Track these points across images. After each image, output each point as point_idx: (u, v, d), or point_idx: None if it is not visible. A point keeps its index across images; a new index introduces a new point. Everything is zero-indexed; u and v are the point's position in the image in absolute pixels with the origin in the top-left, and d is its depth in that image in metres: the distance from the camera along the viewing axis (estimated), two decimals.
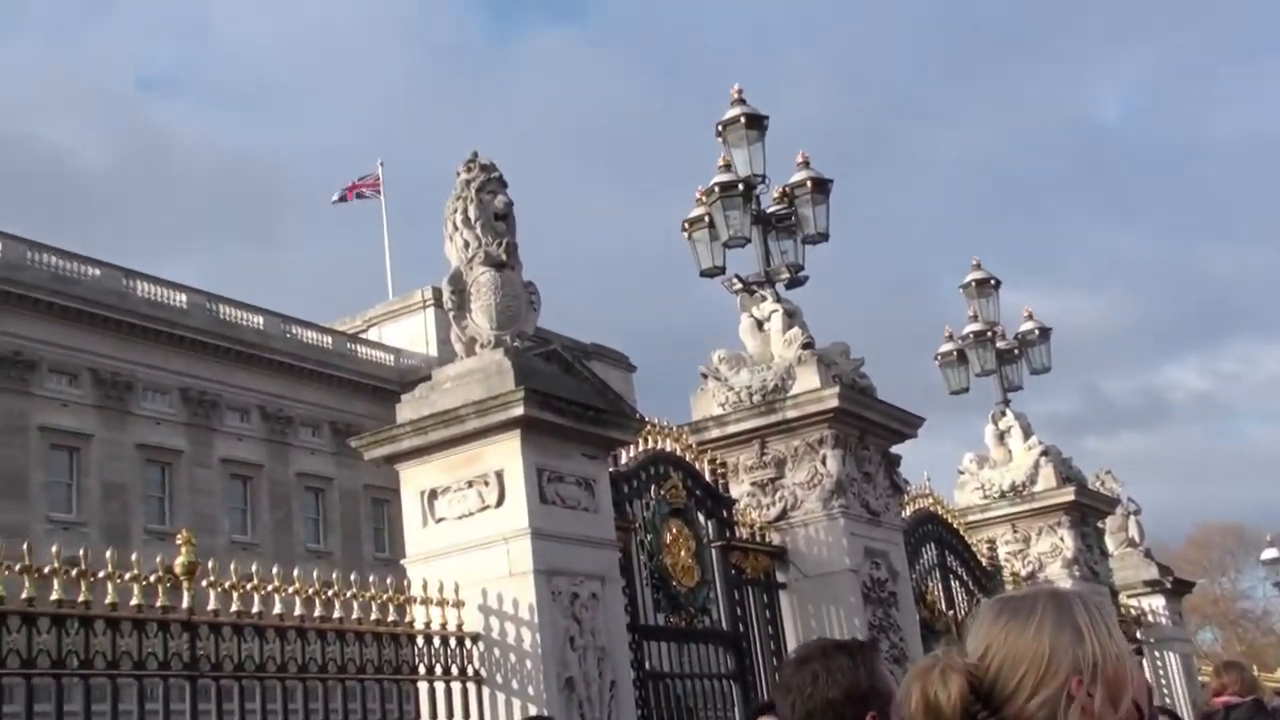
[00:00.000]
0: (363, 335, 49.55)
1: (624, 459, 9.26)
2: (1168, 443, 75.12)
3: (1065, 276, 75.53)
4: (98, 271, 39.92)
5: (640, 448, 9.46)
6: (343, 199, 48.49)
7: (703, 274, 11.72)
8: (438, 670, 7.46)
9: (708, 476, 10.17)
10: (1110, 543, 17.74)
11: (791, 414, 10.56)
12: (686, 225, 11.74)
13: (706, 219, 11.53)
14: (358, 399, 45.76)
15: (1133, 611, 17.37)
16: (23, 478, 36.38)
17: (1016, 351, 15.83)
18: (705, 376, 11.17)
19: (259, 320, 44.48)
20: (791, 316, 11.27)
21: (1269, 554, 30.42)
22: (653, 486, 9.48)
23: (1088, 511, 15.66)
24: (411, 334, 50.54)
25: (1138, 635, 17.07)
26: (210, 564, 6.55)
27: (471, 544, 7.76)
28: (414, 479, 8.12)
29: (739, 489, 10.64)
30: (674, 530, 9.56)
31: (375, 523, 46.25)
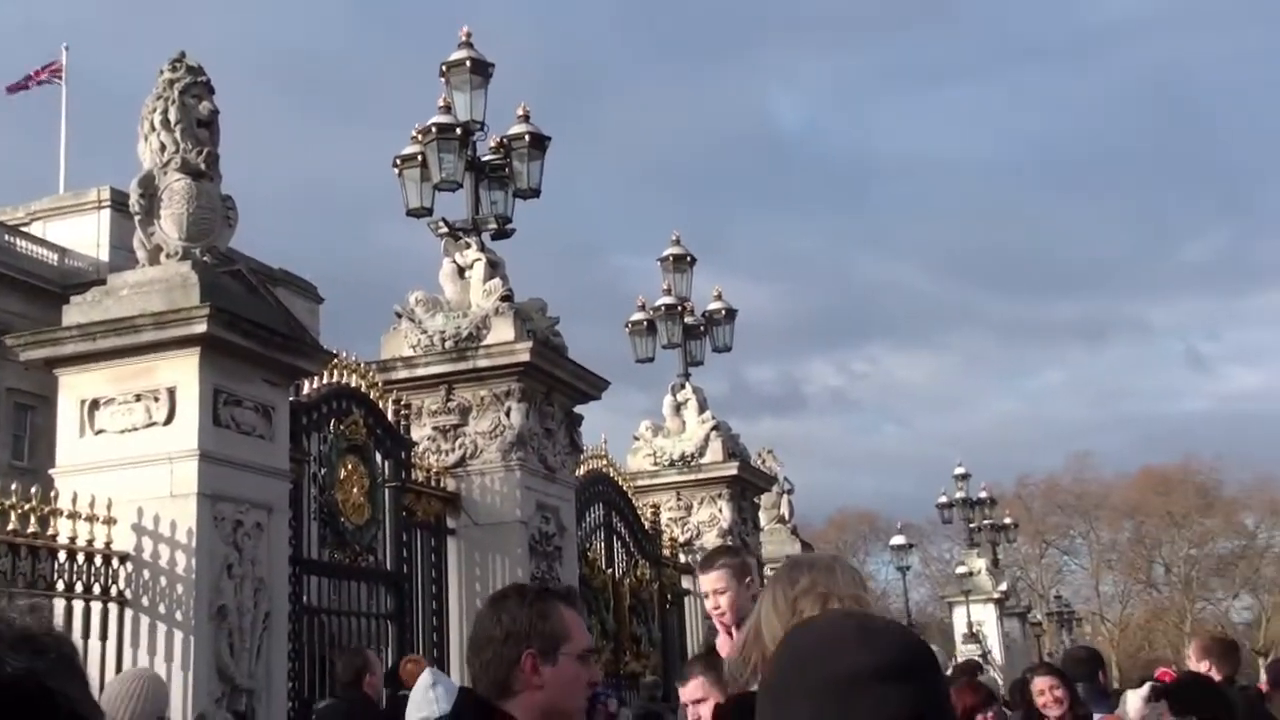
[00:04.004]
0: (24, 228, 45.64)
1: (306, 390, 9.04)
2: (805, 431, 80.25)
3: (728, 264, 79.49)
4: None
5: (325, 381, 9.26)
6: (21, 87, 44.33)
7: (409, 213, 11.54)
8: (78, 588, 7.06)
9: (390, 416, 10.07)
10: (763, 517, 18.82)
11: (483, 363, 10.59)
12: (398, 162, 11.51)
13: (420, 158, 11.34)
14: (11, 296, 42.14)
15: None
16: None
17: (702, 328, 16.45)
18: (399, 316, 11.02)
19: None
20: (494, 267, 11.28)
21: (896, 540, 33.11)
22: (333, 421, 9.31)
23: (747, 486, 16.52)
24: (82, 235, 46.91)
25: None
26: None
27: (132, 460, 7.38)
28: (75, 386, 7.63)
29: (420, 432, 10.59)
30: (349, 467, 9.42)
31: (16, 429, 42.89)
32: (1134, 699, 4.81)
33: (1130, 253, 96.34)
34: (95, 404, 7.54)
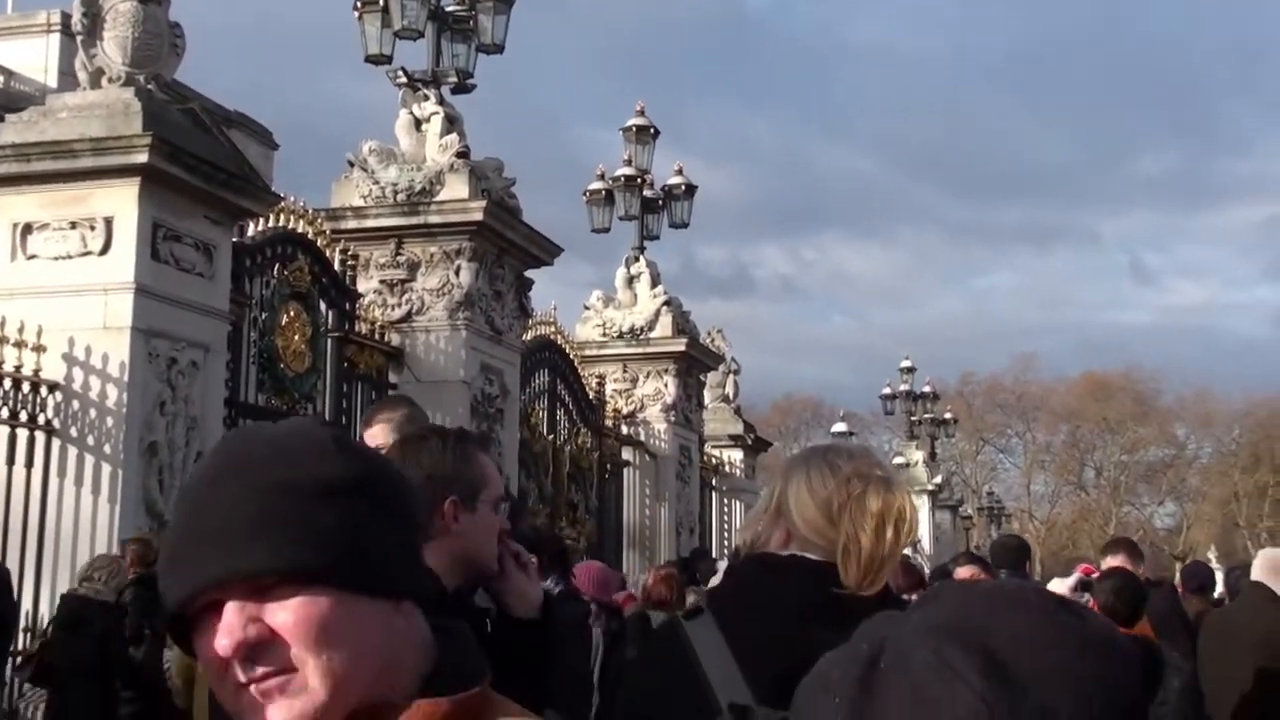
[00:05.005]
0: None
1: (251, 232, 8.85)
2: (752, 314, 79.95)
3: (685, 143, 77.71)
4: None
5: (271, 224, 9.06)
6: None
7: (368, 59, 11.20)
8: (3, 413, 6.96)
9: (337, 266, 9.92)
10: (708, 396, 18.88)
11: (434, 219, 10.41)
12: (358, 4, 11.13)
13: (381, 2, 10.97)
14: None
15: (713, 461, 18.65)
16: None
17: (661, 202, 16.26)
18: (352, 165, 10.76)
19: None
20: (452, 122, 11.01)
21: (838, 428, 33.46)
22: (277, 266, 9.15)
23: (694, 364, 16.54)
24: (29, 59, 45.27)
25: (714, 482, 18.41)
26: None
27: (66, 289, 7.21)
28: (7, 208, 7.42)
29: (367, 285, 10.44)
30: (291, 313, 9.29)
31: None
32: (1059, 586, 4.89)
33: (1085, 161, 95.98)
34: (28, 228, 7.33)
